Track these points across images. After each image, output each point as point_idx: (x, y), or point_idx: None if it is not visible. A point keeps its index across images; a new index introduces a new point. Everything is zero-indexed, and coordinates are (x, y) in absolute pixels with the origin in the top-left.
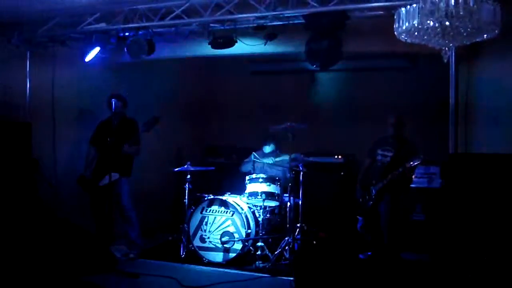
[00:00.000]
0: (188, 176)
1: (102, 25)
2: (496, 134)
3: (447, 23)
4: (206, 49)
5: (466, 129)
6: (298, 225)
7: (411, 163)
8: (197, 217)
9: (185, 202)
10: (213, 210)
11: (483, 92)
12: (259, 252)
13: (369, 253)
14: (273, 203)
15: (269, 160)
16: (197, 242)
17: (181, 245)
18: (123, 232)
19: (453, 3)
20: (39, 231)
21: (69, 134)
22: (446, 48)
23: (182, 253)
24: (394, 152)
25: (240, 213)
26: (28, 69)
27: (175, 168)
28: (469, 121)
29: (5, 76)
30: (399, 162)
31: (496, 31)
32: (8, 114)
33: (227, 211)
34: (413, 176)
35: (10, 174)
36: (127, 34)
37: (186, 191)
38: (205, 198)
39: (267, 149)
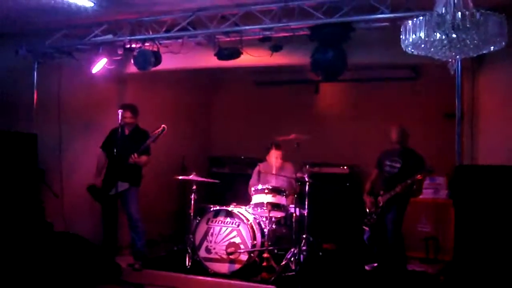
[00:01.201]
0: (194, 187)
1: (109, 36)
2: (502, 145)
3: (453, 35)
4: (212, 61)
5: (472, 140)
6: (304, 236)
7: (420, 174)
8: (202, 228)
9: (190, 212)
10: (218, 221)
11: (489, 103)
12: (265, 263)
13: (375, 264)
14: (279, 214)
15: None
16: (202, 253)
17: (187, 256)
18: (129, 242)
19: (459, 16)
20: (43, 241)
21: (75, 145)
22: (453, 60)
23: (188, 264)
24: (402, 163)
25: (245, 224)
26: (35, 80)
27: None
28: (475, 132)
29: (12, 86)
30: (407, 174)
31: (503, 43)
32: (14, 125)
33: (232, 222)
34: (422, 188)
35: (16, 185)
36: (133, 45)
37: (192, 202)
38: (211, 209)
39: (275, 154)
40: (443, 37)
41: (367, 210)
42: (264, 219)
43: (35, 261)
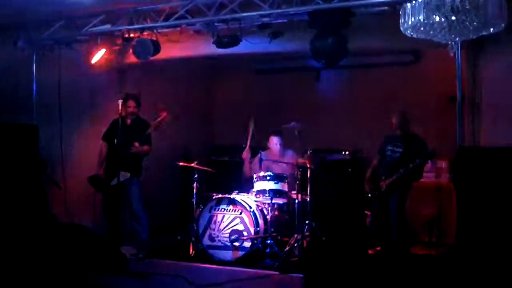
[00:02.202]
0: (196, 175)
1: (107, 26)
2: (504, 128)
3: (453, 17)
4: (211, 49)
5: (474, 123)
6: (307, 222)
7: (421, 159)
8: (205, 216)
9: (193, 201)
10: (221, 209)
11: (490, 85)
12: (268, 250)
13: (378, 248)
14: (281, 201)
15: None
16: (206, 241)
17: (190, 244)
18: (133, 232)
19: None
20: (48, 233)
21: (76, 136)
22: (452, 43)
23: (192, 252)
24: (403, 148)
25: (248, 211)
26: (34, 72)
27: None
28: (476, 115)
29: (11, 78)
30: (409, 158)
31: (503, 25)
32: (15, 117)
33: (235, 210)
34: (423, 172)
35: (17, 177)
36: (132, 35)
37: (194, 190)
38: (213, 197)
39: (275, 140)
40: (443, 19)
41: (369, 195)
42: (266, 206)
43: (40, 252)
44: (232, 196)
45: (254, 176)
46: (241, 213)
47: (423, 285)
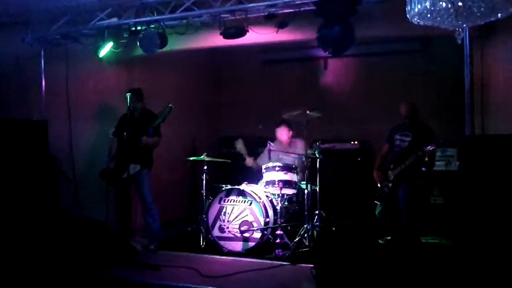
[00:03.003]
0: (205, 167)
1: (114, 20)
2: None
3: (459, 3)
4: (218, 40)
5: (482, 110)
6: (316, 212)
7: (429, 147)
8: (215, 208)
9: (202, 193)
10: (231, 200)
11: (499, 72)
12: (278, 241)
13: (388, 238)
14: (290, 191)
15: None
16: (216, 232)
17: (201, 236)
18: (144, 224)
19: None
20: (59, 226)
21: (86, 130)
22: (460, 29)
23: (202, 244)
24: (412, 136)
25: (258, 202)
26: (42, 67)
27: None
28: (485, 102)
29: (20, 74)
30: (417, 147)
31: (510, 10)
32: (24, 113)
33: (245, 201)
34: (434, 160)
35: (28, 172)
36: (139, 28)
37: (204, 182)
38: (223, 188)
39: (283, 131)
40: (449, 5)
41: (378, 185)
42: (276, 196)
43: (52, 245)
44: (241, 187)
45: (263, 167)
46: (250, 204)
47: (433, 274)
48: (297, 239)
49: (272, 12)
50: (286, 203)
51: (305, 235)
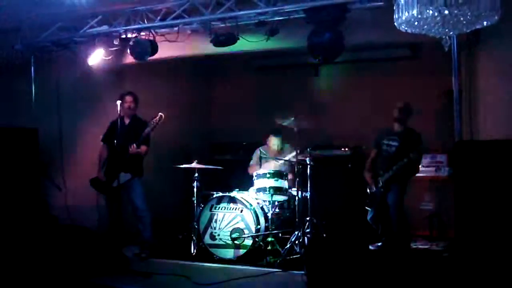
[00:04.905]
0: (196, 175)
1: (104, 27)
2: (503, 121)
3: (446, 11)
4: (208, 47)
5: (471, 116)
6: (308, 218)
7: (415, 153)
8: (206, 215)
9: (193, 200)
10: (222, 207)
11: (488, 79)
12: (269, 247)
13: (379, 243)
14: (281, 198)
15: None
16: (207, 240)
17: (192, 243)
18: (135, 232)
19: None
20: (49, 235)
21: (76, 138)
22: (447, 37)
23: (193, 251)
24: (399, 142)
25: (249, 209)
26: (33, 74)
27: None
28: (474, 108)
29: (10, 82)
30: (404, 152)
31: (496, 18)
32: (14, 120)
33: (236, 208)
34: (419, 166)
35: (18, 180)
36: (129, 35)
37: (195, 189)
38: (214, 196)
39: (275, 141)
40: (436, 13)
41: (368, 191)
42: (267, 203)
43: (41, 254)
44: (232, 194)
45: (254, 173)
46: (241, 211)
47: (424, 280)
48: (288, 245)
49: (262, 19)
50: (277, 209)
51: (296, 241)
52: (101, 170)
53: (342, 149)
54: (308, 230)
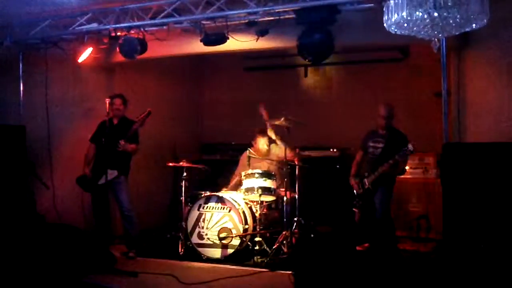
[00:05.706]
0: (184, 174)
1: (94, 25)
2: (491, 123)
3: (435, 14)
4: (198, 47)
5: (460, 118)
6: (295, 219)
7: (400, 154)
8: (194, 214)
9: (181, 199)
10: (210, 207)
11: (476, 81)
12: (257, 247)
13: (366, 244)
14: (269, 198)
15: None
16: (195, 239)
17: (180, 243)
18: (122, 231)
19: None
20: (35, 233)
21: (64, 136)
22: (436, 39)
23: (181, 251)
24: (384, 143)
25: (237, 209)
26: (21, 72)
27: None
28: (462, 110)
29: None
30: (389, 154)
31: (485, 21)
32: (1, 118)
33: (224, 207)
34: (405, 167)
35: (5, 178)
36: (119, 33)
37: (183, 189)
38: (202, 195)
39: (262, 141)
40: (425, 16)
41: (355, 193)
42: (255, 203)
43: (28, 253)
44: (220, 194)
45: (243, 174)
46: (229, 211)
47: (411, 282)
48: (276, 246)
49: (252, 19)
50: (265, 210)
51: (284, 242)
52: (87, 167)
53: (331, 150)
54: (295, 231)
